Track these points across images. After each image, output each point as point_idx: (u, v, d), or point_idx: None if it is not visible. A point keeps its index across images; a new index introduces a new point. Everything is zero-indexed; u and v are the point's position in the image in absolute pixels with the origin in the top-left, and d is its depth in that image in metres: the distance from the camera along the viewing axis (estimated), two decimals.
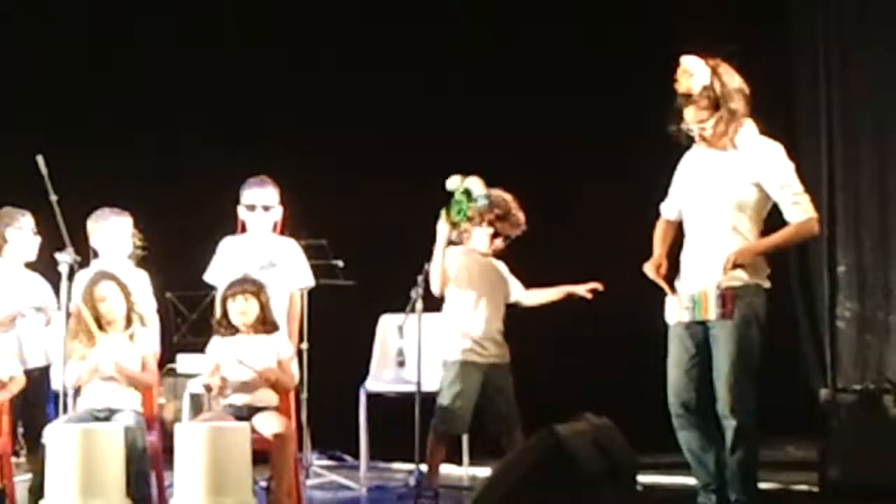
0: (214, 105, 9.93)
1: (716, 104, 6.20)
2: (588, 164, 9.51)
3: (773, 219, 6.27)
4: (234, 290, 7.03)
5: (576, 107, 9.54)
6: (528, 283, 7.50)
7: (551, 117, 9.66)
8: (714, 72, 6.20)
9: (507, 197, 7.34)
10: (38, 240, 7.60)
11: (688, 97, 6.23)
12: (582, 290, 7.32)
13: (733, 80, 6.22)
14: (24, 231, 7.60)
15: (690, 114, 6.26)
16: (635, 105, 8.94)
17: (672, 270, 6.42)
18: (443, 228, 7.15)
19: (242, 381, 6.93)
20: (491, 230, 7.33)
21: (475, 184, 7.08)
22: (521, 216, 7.36)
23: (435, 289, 7.27)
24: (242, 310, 7.00)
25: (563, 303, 7.47)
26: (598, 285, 7.27)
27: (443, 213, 7.10)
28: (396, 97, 9.85)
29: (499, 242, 7.37)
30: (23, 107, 9.76)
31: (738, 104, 6.21)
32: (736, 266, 6.12)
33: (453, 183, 7.10)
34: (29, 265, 7.66)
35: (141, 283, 7.45)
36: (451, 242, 7.24)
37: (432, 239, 7.17)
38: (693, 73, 6.21)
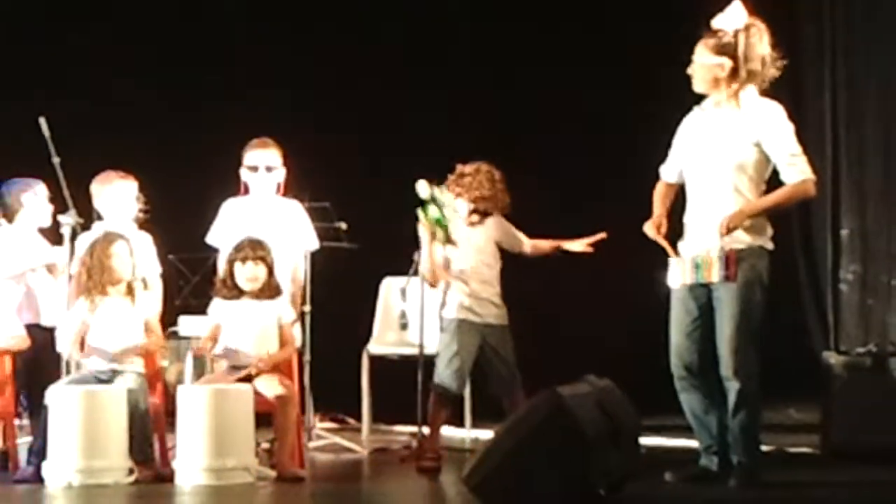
0: (218, 65, 9.89)
1: (726, 52, 6.18)
2: (592, 126, 9.51)
3: (776, 180, 6.25)
4: (243, 254, 7.00)
5: (580, 63, 9.53)
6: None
7: (553, 72, 9.64)
8: (747, 27, 6.18)
9: (497, 176, 7.30)
10: (51, 207, 7.60)
11: (708, 31, 6.22)
12: (580, 245, 7.26)
13: (761, 44, 6.19)
14: (38, 198, 7.62)
15: (699, 48, 6.25)
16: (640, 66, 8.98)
17: (672, 233, 6.40)
18: (423, 231, 7.13)
19: (244, 352, 6.93)
20: (472, 206, 7.29)
21: (443, 195, 7.08)
22: (506, 198, 7.32)
23: (428, 285, 7.28)
24: (252, 276, 6.99)
25: (565, 264, 7.43)
26: (601, 234, 7.21)
27: (420, 216, 7.09)
28: (401, 55, 9.82)
29: (475, 218, 7.31)
30: (24, 67, 9.72)
31: (755, 67, 6.18)
32: (730, 230, 6.12)
33: (424, 191, 7.08)
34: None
35: (145, 246, 7.45)
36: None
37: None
38: (729, 13, 6.19)
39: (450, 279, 7.22)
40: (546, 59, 9.79)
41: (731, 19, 6.20)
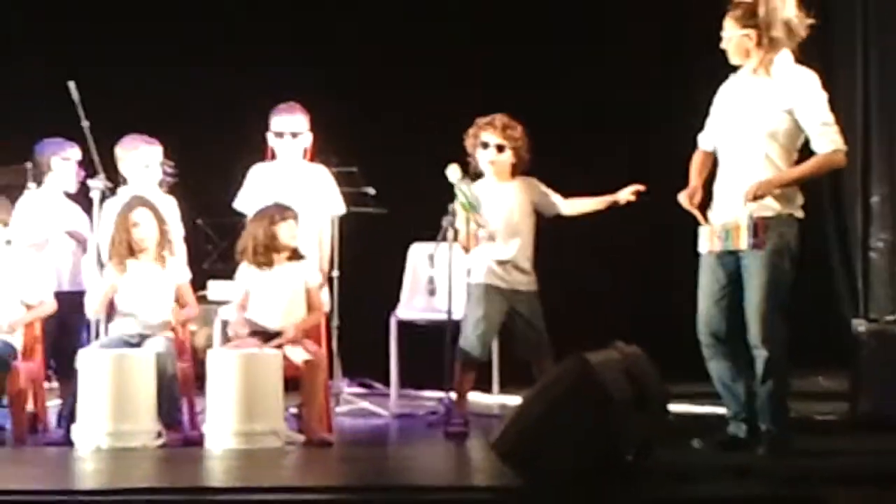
0: (247, 32, 9.87)
1: (751, 23, 6.16)
2: (627, 98, 9.49)
3: (807, 149, 6.23)
4: (284, 214, 7.02)
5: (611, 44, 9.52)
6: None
7: (585, 42, 9.62)
8: None
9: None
10: (80, 172, 7.61)
11: (732, 3, 6.20)
12: (625, 194, 7.21)
13: (784, 9, 6.16)
14: (69, 162, 7.63)
15: (726, 21, 6.23)
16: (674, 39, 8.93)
17: (708, 201, 6.38)
18: (459, 207, 7.13)
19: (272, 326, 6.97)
20: (514, 160, 7.28)
21: (468, 187, 7.08)
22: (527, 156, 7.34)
23: (462, 250, 7.28)
24: (294, 233, 7.02)
25: (596, 231, 7.41)
26: (640, 187, 7.17)
27: (457, 195, 7.09)
28: (430, 13, 9.78)
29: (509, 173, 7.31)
30: (54, 34, 9.73)
31: (778, 33, 6.15)
32: (757, 198, 6.10)
33: (454, 175, 7.08)
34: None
35: (170, 210, 7.45)
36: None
37: (465, 166, 7.16)
38: None
39: (479, 243, 7.22)
40: (578, 35, 9.76)
41: None
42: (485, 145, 7.27)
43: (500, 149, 7.27)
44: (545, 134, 7.45)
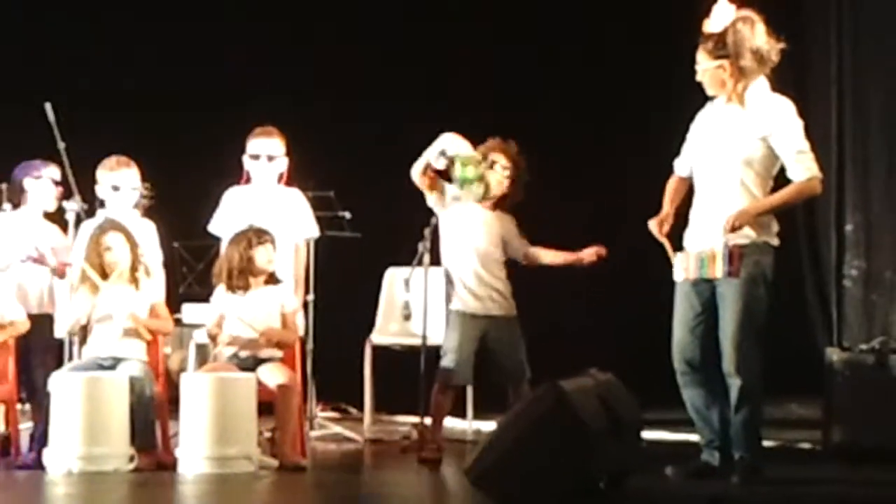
0: (223, 56, 9.89)
1: (723, 53, 6.19)
2: (605, 122, 9.52)
3: (783, 176, 6.25)
4: (261, 238, 7.00)
5: (594, 67, 9.54)
6: (536, 240, 7.43)
7: (570, 75, 9.64)
8: (734, 23, 6.17)
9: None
10: (55, 191, 7.58)
11: (703, 35, 6.23)
12: (586, 255, 7.24)
13: (754, 38, 6.18)
14: (42, 180, 7.59)
15: (699, 54, 6.26)
16: (657, 63, 8.96)
17: (681, 227, 6.40)
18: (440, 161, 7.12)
19: (247, 338, 6.93)
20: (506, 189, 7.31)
21: (469, 166, 7.09)
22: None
23: (422, 186, 7.23)
24: (270, 257, 7.01)
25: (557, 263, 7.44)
26: (601, 249, 7.19)
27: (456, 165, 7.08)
28: (406, 45, 9.81)
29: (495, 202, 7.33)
30: (30, 56, 9.72)
31: (747, 63, 6.18)
32: (735, 229, 6.12)
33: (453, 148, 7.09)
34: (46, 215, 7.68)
35: (148, 234, 7.43)
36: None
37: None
38: (715, 14, 6.19)
39: (452, 264, 7.23)
40: (551, 59, 9.79)
41: (719, 19, 6.20)
42: (492, 165, 7.27)
43: (512, 182, 7.28)
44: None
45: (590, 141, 9.61)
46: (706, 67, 6.26)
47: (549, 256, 7.35)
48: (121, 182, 7.45)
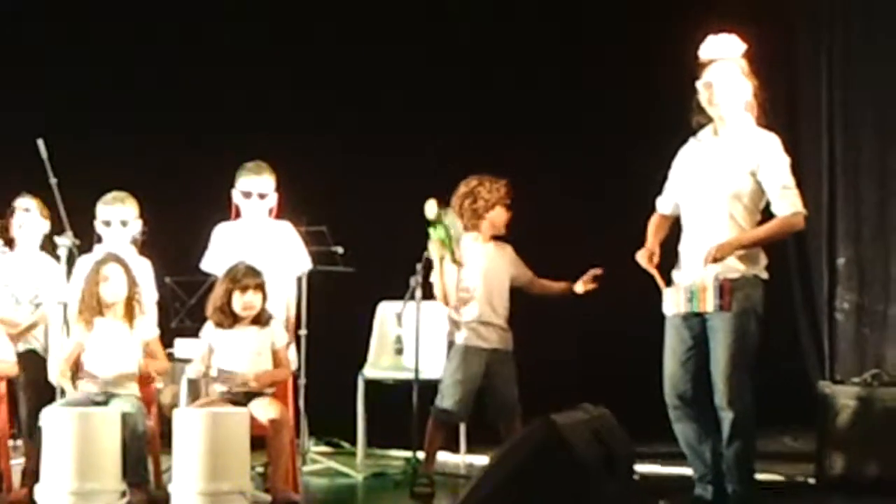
0: (216, 89, 9.91)
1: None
2: (587, 159, 9.53)
3: (769, 210, 6.28)
4: (243, 283, 6.96)
5: (577, 104, 9.56)
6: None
7: (552, 114, 9.66)
8: (711, 78, 6.25)
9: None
10: (45, 223, 7.59)
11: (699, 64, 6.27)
12: (582, 285, 7.31)
13: (741, 95, 6.27)
14: (30, 213, 7.60)
15: (694, 104, 6.31)
16: (637, 100, 8.99)
17: (667, 263, 6.42)
18: (434, 252, 7.17)
19: (239, 375, 6.92)
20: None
21: (449, 217, 7.12)
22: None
23: (441, 304, 7.35)
24: (250, 304, 6.97)
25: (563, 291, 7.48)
26: (596, 270, 7.25)
27: (431, 235, 7.12)
28: (398, 80, 9.83)
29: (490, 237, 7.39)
30: (23, 90, 9.74)
31: (735, 114, 6.30)
32: (716, 260, 6.13)
33: (431, 211, 7.11)
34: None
35: (144, 272, 7.42)
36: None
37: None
38: (706, 47, 6.27)
39: (459, 298, 7.25)
40: (543, 91, 9.82)
41: (710, 51, 6.26)
42: (477, 200, 7.33)
43: (508, 209, 7.34)
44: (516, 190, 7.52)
45: (571, 180, 9.63)
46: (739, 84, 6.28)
47: (550, 287, 7.44)
48: (111, 217, 7.47)
